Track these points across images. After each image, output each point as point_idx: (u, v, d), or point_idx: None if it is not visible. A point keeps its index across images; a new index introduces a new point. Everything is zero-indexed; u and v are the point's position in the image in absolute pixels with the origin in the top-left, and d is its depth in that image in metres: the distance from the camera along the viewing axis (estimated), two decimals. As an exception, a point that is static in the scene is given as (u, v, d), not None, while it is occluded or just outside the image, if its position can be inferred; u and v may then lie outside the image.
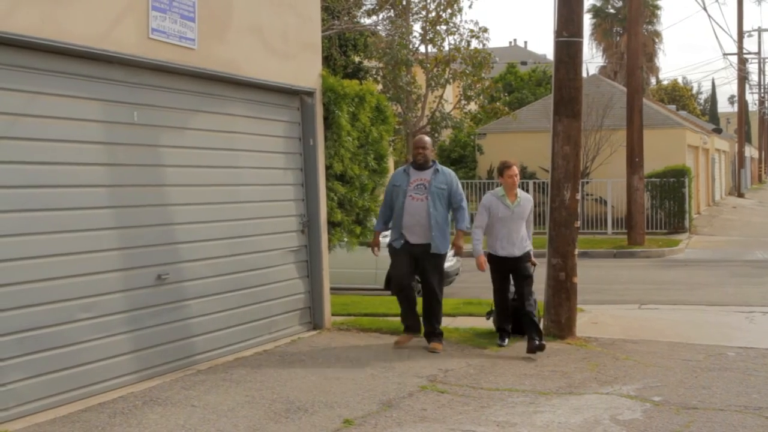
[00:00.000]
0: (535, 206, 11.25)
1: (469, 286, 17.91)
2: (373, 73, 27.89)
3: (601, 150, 30.70)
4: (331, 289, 11.76)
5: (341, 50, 26.18)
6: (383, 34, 28.49)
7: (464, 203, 10.60)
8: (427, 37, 28.48)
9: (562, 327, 10.98)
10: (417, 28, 29.14)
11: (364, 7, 29.09)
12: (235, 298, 9.77)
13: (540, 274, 11.03)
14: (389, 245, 10.59)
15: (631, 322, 12.76)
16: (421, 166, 10.46)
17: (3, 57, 7.18)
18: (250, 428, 7.09)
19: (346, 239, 11.87)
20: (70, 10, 7.68)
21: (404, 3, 28.69)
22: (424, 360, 9.65)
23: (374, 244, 10.86)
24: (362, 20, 28.53)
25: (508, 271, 10.70)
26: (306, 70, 11.14)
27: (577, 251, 11.19)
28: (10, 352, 7.16)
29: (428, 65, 28.04)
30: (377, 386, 8.44)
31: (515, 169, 10.66)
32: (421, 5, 28.85)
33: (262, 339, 10.21)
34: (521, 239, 10.57)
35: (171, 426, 7.09)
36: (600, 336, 11.22)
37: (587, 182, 30.47)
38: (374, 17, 29.39)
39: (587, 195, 30.87)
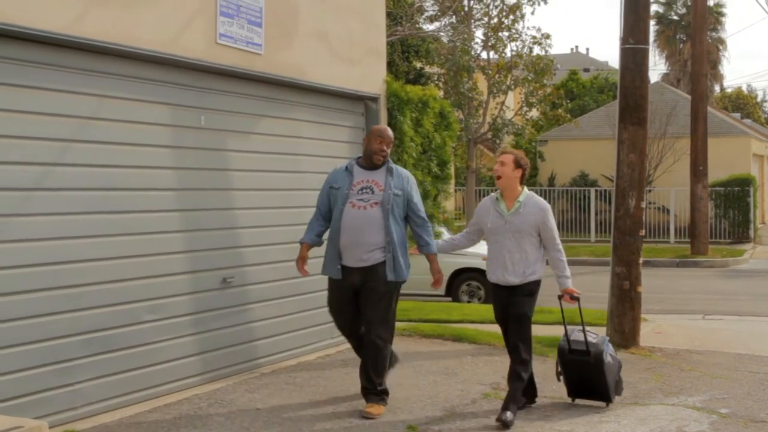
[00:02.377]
0: (597, 214, 10.77)
1: (544, 299, 17.82)
2: (435, 79, 27.86)
3: (665, 158, 30.41)
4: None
5: (403, 56, 26.18)
6: (445, 40, 28.43)
7: (426, 218, 8.17)
8: (489, 44, 28.37)
9: (626, 336, 10.87)
10: (479, 34, 29.05)
11: (426, 14, 29.09)
12: (298, 302, 9.80)
13: (604, 283, 10.92)
14: (325, 274, 8.04)
15: (695, 332, 12.61)
16: (374, 164, 7.94)
17: (74, 61, 7.27)
18: (312, 431, 7.12)
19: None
20: (139, 15, 7.76)
21: (466, 9, 28.62)
22: (487, 367, 9.61)
23: (299, 259, 8.15)
24: (424, 26, 28.53)
25: (503, 305, 8.02)
26: (370, 76, 11.16)
27: (641, 260, 11.05)
28: (77, 353, 7.25)
29: (490, 72, 27.92)
30: (440, 393, 8.42)
31: (508, 158, 7.93)
32: (483, 11, 28.75)
33: (324, 343, 10.22)
34: (521, 262, 7.81)
35: (236, 428, 7.13)
36: (664, 346, 11.09)
37: (650, 191, 30.16)
38: (436, 23, 29.37)
39: (650, 203, 30.55)
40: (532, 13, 51.60)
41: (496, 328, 11.86)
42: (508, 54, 28.37)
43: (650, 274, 19.43)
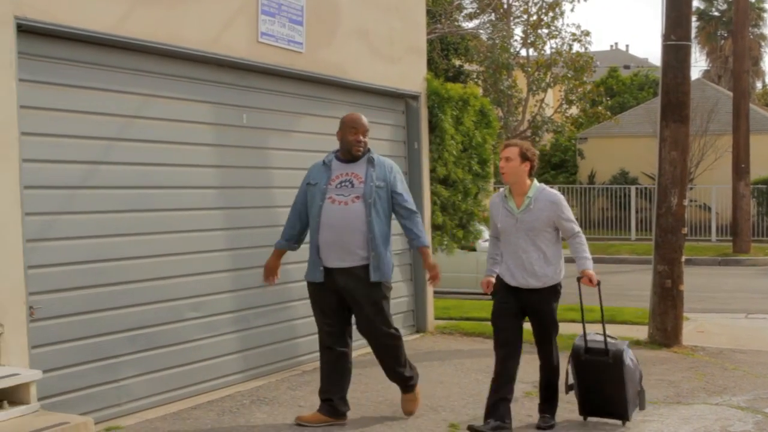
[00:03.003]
0: (637, 212, 10.55)
1: (572, 292, 17.71)
2: (474, 76, 27.82)
3: (706, 155, 30.17)
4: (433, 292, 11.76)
5: (442, 54, 26.15)
6: (484, 37, 28.38)
7: (414, 207, 7.38)
8: (529, 41, 28.30)
9: (668, 335, 10.80)
10: (518, 31, 29.00)
11: (465, 11, 29.06)
12: (340, 300, 9.81)
13: (644, 281, 10.85)
14: (308, 279, 7.31)
15: (738, 331, 12.51)
16: (355, 157, 7.29)
17: (119, 61, 7.34)
18: (356, 430, 7.13)
19: (447, 242, 11.84)
20: (183, 15, 7.82)
21: (505, 6, 28.57)
22: (528, 366, 9.52)
23: (268, 268, 7.48)
24: (463, 24, 28.49)
25: (518, 308, 7.26)
26: (411, 74, 11.17)
27: (683, 258, 10.98)
28: (122, 350, 7.31)
29: (529, 69, 27.84)
30: (482, 391, 8.35)
31: (513, 152, 7.16)
32: (522, 9, 28.69)
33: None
34: (539, 262, 7.13)
35: (278, 425, 7.16)
36: (707, 345, 11.01)
37: (691, 188, 29.91)
38: (475, 21, 29.32)
39: (691, 201, 30.28)
40: (572, 10, 51.30)
41: (538, 327, 11.90)
42: (548, 51, 28.29)
43: (691, 272, 19.27)
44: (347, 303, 7.23)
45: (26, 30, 6.49)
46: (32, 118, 6.59)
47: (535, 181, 7.30)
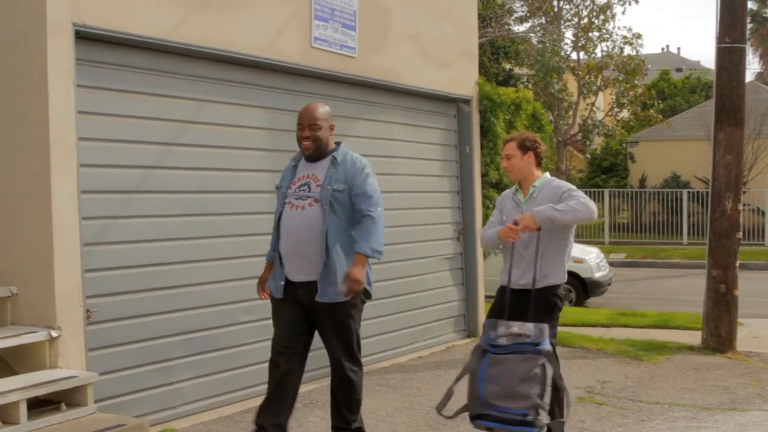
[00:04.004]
0: (689, 216, 10.32)
1: (622, 296, 17.70)
2: (524, 80, 27.75)
3: (759, 159, 29.83)
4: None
5: (492, 58, 26.11)
6: (535, 41, 28.30)
7: (375, 211, 6.26)
8: (579, 44, 28.20)
9: (722, 341, 10.68)
10: (569, 34, 28.90)
11: (515, 15, 28.99)
12: (391, 305, 9.85)
13: (697, 286, 10.75)
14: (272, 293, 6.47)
15: (794, 337, 12.36)
16: (312, 155, 6.38)
17: (174, 66, 7.42)
18: (407, 434, 7.15)
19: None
20: (237, 20, 7.87)
21: (556, 10, 28.46)
22: (581, 371, 9.53)
23: (260, 282, 6.69)
24: (513, 27, 28.43)
25: (513, 312, 6.31)
26: (463, 78, 11.16)
27: (737, 263, 10.86)
28: (176, 353, 7.38)
29: (580, 72, 27.73)
30: (534, 396, 8.36)
31: (511, 147, 6.70)
32: (573, 12, 28.57)
33: (416, 346, 10.26)
34: (537, 262, 6.35)
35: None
36: (762, 351, 10.86)
37: (744, 192, 29.61)
38: (525, 24, 29.25)
39: (744, 205, 30.02)
40: (623, 12, 50.74)
41: (590, 331, 11.90)
42: (599, 54, 28.19)
43: (744, 277, 19.04)
44: (311, 321, 6.36)
45: (84, 36, 6.57)
46: (89, 123, 6.66)
47: (547, 174, 6.75)
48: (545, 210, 6.24)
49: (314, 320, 6.33)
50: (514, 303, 6.35)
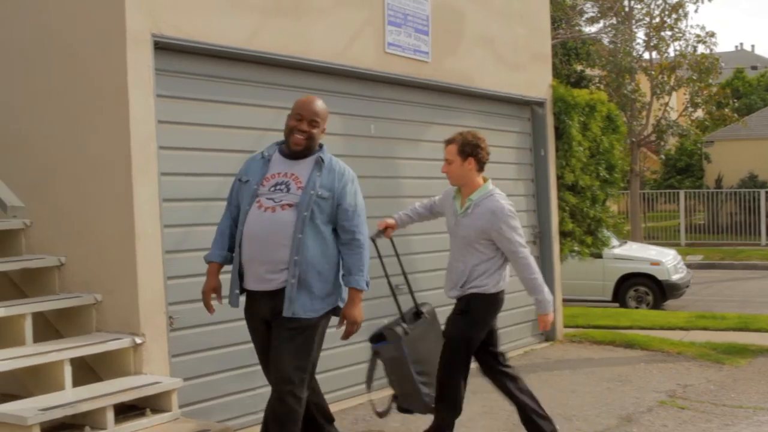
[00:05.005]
0: (767, 216, 10.13)
1: (700, 299, 17.49)
2: (596, 81, 27.51)
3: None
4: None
5: (564, 59, 25.94)
6: (606, 41, 28.04)
7: (363, 235, 5.74)
8: (651, 44, 27.82)
9: (807, 343, 10.51)
10: (641, 34, 28.56)
11: (586, 15, 28.76)
12: (468, 309, 9.81)
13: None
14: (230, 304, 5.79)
15: None
16: (296, 152, 5.68)
17: (251, 74, 7.49)
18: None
19: (577, 249, 11.72)
20: (312, 28, 7.92)
21: (627, 9, 28.16)
22: (661, 375, 9.42)
23: (206, 291, 5.83)
24: (584, 28, 28.21)
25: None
26: (536, 81, 11.12)
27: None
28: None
29: (653, 72, 27.39)
30: (615, 400, 8.29)
31: (451, 151, 6.48)
32: (644, 11, 28.24)
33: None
34: (462, 275, 6.42)
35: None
36: None
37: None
38: (596, 25, 29.00)
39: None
40: (696, 11, 50.46)
41: (669, 334, 11.76)
42: (671, 54, 27.79)
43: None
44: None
45: (162, 47, 6.66)
46: (169, 132, 6.75)
47: (489, 183, 6.47)
48: (547, 298, 6.32)
49: (271, 333, 5.60)
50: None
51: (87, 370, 6.46)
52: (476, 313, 6.44)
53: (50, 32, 6.78)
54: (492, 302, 6.45)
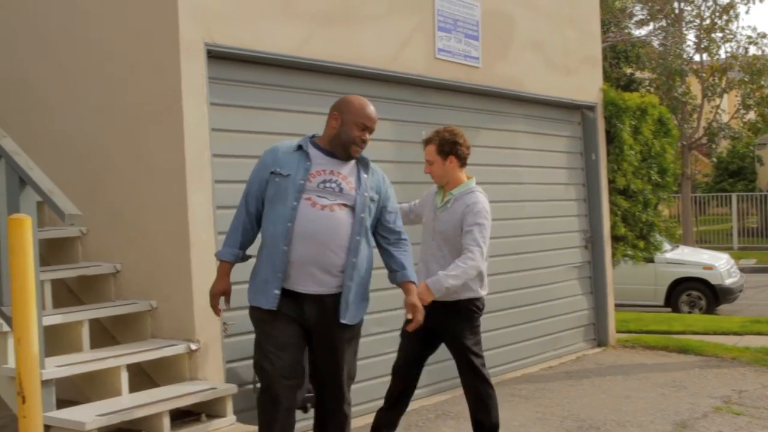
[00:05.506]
0: None
1: (754, 303, 17.32)
2: (646, 84, 27.33)
3: None
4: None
5: (613, 62, 25.80)
6: (656, 44, 27.86)
7: (404, 233, 5.69)
8: (702, 46, 27.65)
9: None
10: (691, 36, 28.39)
11: (635, 18, 28.60)
12: (520, 314, 9.81)
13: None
14: (253, 308, 5.40)
15: None
16: (343, 155, 5.42)
17: (302, 82, 7.53)
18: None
19: (630, 253, 11.64)
20: (362, 35, 7.95)
21: (677, 12, 27.96)
22: (716, 380, 9.32)
23: (216, 293, 5.51)
24: (633, 31, 28.05)
25: (426, 327, 5.86)
26: (587, 84, 11.06)
27: None
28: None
29: (704, 74, 27.18)
30: (669, 406, 8.23)
31: (430, 151, 6.43)
32: (694, 13, 28.04)
33: (546, 355, 10.19)
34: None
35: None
36: None
37: None
38: (646, 28, 28.82)
39: None
40: (747, 12, 49.92)
41: (723, 339, 11.65)
42: (722, 55, 27.58)
43: None
44: (307, 342, 5.40)
45: (215, 55, 6.71)
46: (222, 140, 6.80)
47: (472, 180, 6.41)
48: (441, 281, 5.95)
49: (316, 341, 5.36)
50: (432, 318, 5.99)
51: (143, 376, 6.53)
52: (475, 321, 6.31)
53: (105, 43, 6.86)
54: (480, 308, 6.32)
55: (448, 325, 6.22)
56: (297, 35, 7.34)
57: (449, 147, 6.30)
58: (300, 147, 5.38)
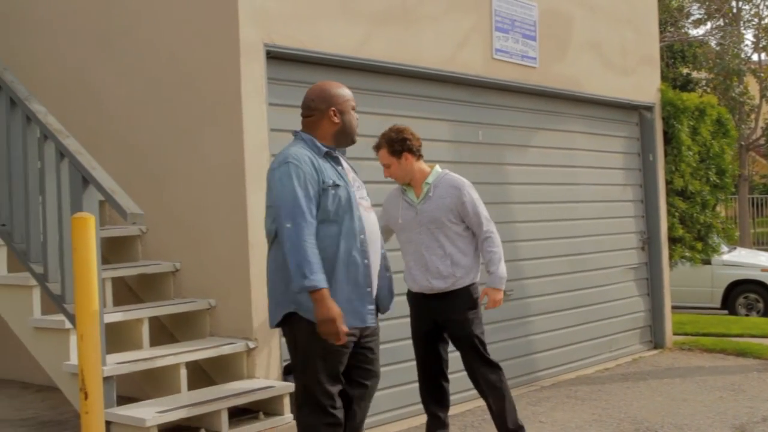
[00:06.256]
0: None
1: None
2: (703, 84, 27.06)
3: None
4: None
5: (670, 62, 25.57)
6: (713, 43, 27.57)
7: None
8: (761, 45, 27.31)
9: None
10: (749, 36, 28.06)
11: (692, 17, 28.32)
12: (576, 316, 9.76)
13: None
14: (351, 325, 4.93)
15: None
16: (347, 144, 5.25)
17: (360, 82, 7.51)
18: (600, 447, 7.07)
19: (688, 254, 11.54)
20: (421, 35, 7.96)
21: (734, 11, 27.66)
22: (775, 384, 9.22)
23: (339, 319, 4.73)
24: (690, 31, 27.79)
25: (430, 319, 6.28)
26: (644, 85, 10.98)
27: None
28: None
29: (762, 74, 26.85)
30: (727, 409, 8.13)
31: (383, 155, 6.25)
32: (752, 12, 27.72)
33: (602, 357, 10.13)
34: (444, 260, 6.13)
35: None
36: None
37: None
38: (702, 27, 28.53)
39: None
40: (806, 10, 49.10)
41: (784, 343, 11.47)
42: (782, 55, 27.25)
43: None
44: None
45: (274, 56, 6.76)
46: (281, 140, 6.79)
47: (437, 167, 6.33)
48: (500, 274, 6.12)
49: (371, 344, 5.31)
50: (433, 310, 6.26)
51: (201, 374, 6.60)
52: (478, 306, 6.30)
53: (165, 44, 6.94)
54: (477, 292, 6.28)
55: (452, 315, 6.19)
56: (355, 36, 7.37)
57: (400, 145, 6.16)
58: (322, 147, 5.06)
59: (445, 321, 6.24)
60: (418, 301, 6.33)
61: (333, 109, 5.15)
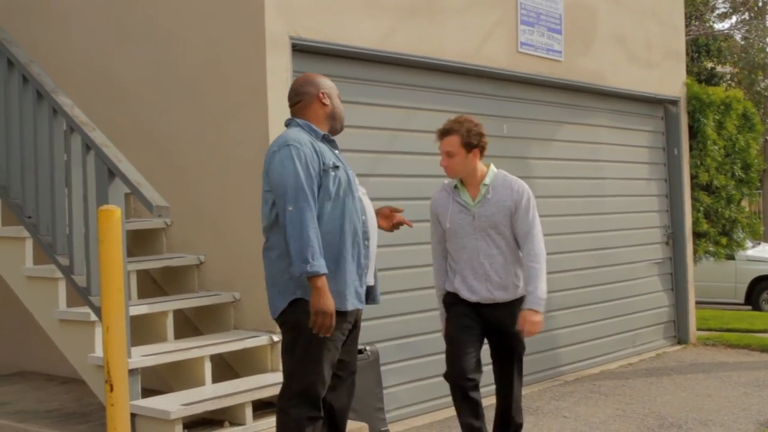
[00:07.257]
0: None
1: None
2: (727, 78, 26.87)
3: None
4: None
5: (694, 56, 25.40)
6: (738, 38, 27.37)
7: None
8: (787, 39, 27.10)
9: None
10: (775, 30, 27.82)
11: (717, 11, 28.11)
12: (600, 310, 9.73)
13: None
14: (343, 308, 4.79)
15: None
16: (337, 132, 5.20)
17: (384, 75, 7.54)
18: (624, 442, 7.04)
19: (712, 249, 11.47)
20: (445, 28, 7.94)
21: (760, 5, 27.45)
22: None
23: (333, 310, 4.61)
24: (714, 24, 27.59)
25: (480, 328, 5.71)
26: (670, 79, 10.93)
27: None
28: (390, 357, 7.47)
29: (788, 69, 26.65)
30: (752, 405, 8.09)
31: (453, 142, 5.64)
32: (779, 6, 27.51)
33: (626, 352, 10.10)
34: (505, 269, 5.66)
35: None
36: None
37: None
38: (727, 21, 28.32)
39: None
40: (832, 4, 48.68)
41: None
42: (808, 49, 27.01)
43: None
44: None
45: (299, 49, 6.76)
46: (305, 133, 6.83)
47: (492, 166, 5.80)
48: (540, 296, 5.48)
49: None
50: (486, 319, 5.73)
51: (225, 367, 6.60)
52: None
53: (190, 37, 6.94)
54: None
55: (511, 327, 5.61)
56: (380, 29, 7.36)
57: (476, 139, 5.65)
58: (324, 135, 4.96)
59: (502, 332, 5.72)
60: (467, 308, 5.72)
61: (322, 92, 5.06)
